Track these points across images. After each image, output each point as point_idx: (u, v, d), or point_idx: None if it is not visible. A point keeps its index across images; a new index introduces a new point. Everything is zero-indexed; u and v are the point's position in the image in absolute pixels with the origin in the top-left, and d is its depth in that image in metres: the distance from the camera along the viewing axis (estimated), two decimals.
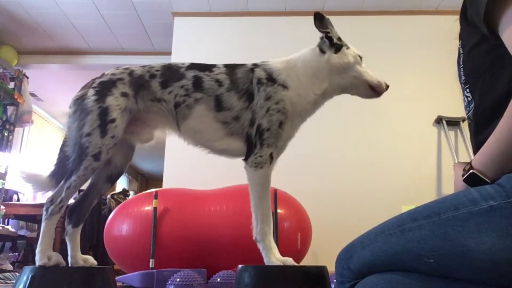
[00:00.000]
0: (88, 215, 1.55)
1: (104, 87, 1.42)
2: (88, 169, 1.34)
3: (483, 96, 0.92)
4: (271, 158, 1.39)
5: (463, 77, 1.00)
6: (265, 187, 1.38)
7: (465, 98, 0.99)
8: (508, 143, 0.80)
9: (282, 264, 1.31)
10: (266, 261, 1.34)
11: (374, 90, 1.47)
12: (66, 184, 1.35)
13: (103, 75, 1.48)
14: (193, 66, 1.50)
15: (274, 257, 1.33)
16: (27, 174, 1.47)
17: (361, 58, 1.49)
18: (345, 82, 1.47)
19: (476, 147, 0.90)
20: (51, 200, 1.36)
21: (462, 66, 1.00)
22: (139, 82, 1.46)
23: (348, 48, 1.47)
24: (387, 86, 1.47)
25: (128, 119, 1.43)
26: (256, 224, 1.37)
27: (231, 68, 1.48)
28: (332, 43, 1.45)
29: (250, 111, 1.41)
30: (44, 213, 1.35)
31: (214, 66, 1.49)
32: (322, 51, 1.46)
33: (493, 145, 0.82)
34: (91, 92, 1.42)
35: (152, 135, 1.57)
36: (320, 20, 1.43)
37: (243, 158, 1.42)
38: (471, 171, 0.84)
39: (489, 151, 0.83)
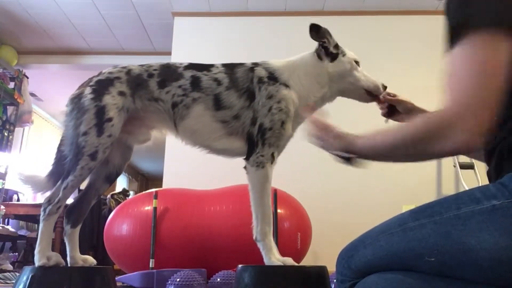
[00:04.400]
0: (88, 215, 1.55)
1: (101, 86, 1.41)
2: (85, 169, 1.34)
3: None
4: (273, 158, 1.39)
5: None
6: (266, 186, 1.38)
7: None
8: (393, 149, 0.86)
9: (282, 264, 1.31)
10: (266, 261, 1.34)
11: (371, 94, 1.47)
12: (63, 184, 1.34)
13: (100, 73, 1.47)
14: (191, 66, 1.49)
15: (274, 257, 1.33)
16: (25, 176, 1.46)
17: (357, 62, 1.49)
18: (342, 87, 1.49)
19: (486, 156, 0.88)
20: (49, 201, 1.35)
21: None
22: (137, 81, 1.45)
23: (344, 55, 1.47)
24: (385, 87, 1.47)
25: (125, 118, 1.42)
26: (256, 223, 1.37)
27: (230, 68, 1.48)
28: (327, 52, 1.46)
29: (251, 110, 1.40)
30: (42, 213, 1.35)
31: (212, 65, 1.49)
32: (319, 57, 1.48)
33: (384, 142, 0.88)
34: (88, 90, 1.41)
35: (149, 136, 1.57)
36: (317, 32, 1.44)
37: (244, 157, 1.41)
38: (354, 156, 0.97)
39: (375, 144, 0.90)
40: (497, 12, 0.74)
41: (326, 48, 1.46)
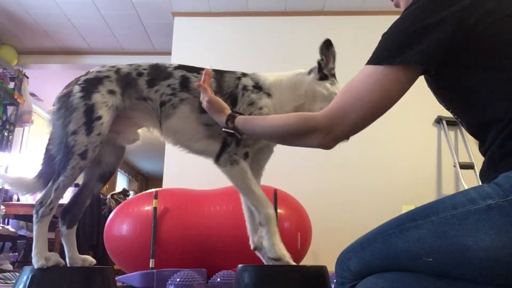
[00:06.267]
0: (88, 215, 1.54)
1: (90, 84, 1.41)
2: (76, 168, 1.33)
3: (465, 119, 0.94)
4: (246, 156, 1.38)
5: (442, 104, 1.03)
6: (248, 177, 1.36)
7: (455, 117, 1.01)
8: (267, 136, 1.16)
9: (281, 256, 1.29)
10: (268, 248, 1.30)
11: None
12: (54, 185, 1.34)
13: (88, 72, 1.47)
14: (181, 67, 1.50)
15: (277, 246, 1.30)
16: (11, 178, 1.44)
17: None
18: (313, 108, 1.43)
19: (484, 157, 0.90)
20: (41, 202, 1.35)
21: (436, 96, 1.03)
22: (126, 80, 1.45)
23: (332, 83, 1.44)
24: None
25: (114, 117, 1.42)
26: (257, 212, 1.34)
27: (219, 73, 1.49)
28: (319, 69, 1.43)
29: None
30: (35, 216, 1.34)
31: (202, 69, 1.48)
32: (310, 72, 1.46)
33: (265, 127, 1.09)
34: (76, 89, 1.40)
35: (138, 135, 1.57)
36: (326, 47, 1.41)
37: (214, 159, 1.41)
38: (232, 129, 1.18)
39: (256, 127, 1.12)
40: (394, 52, 0.89)
41: (320, 65, 1.43)
